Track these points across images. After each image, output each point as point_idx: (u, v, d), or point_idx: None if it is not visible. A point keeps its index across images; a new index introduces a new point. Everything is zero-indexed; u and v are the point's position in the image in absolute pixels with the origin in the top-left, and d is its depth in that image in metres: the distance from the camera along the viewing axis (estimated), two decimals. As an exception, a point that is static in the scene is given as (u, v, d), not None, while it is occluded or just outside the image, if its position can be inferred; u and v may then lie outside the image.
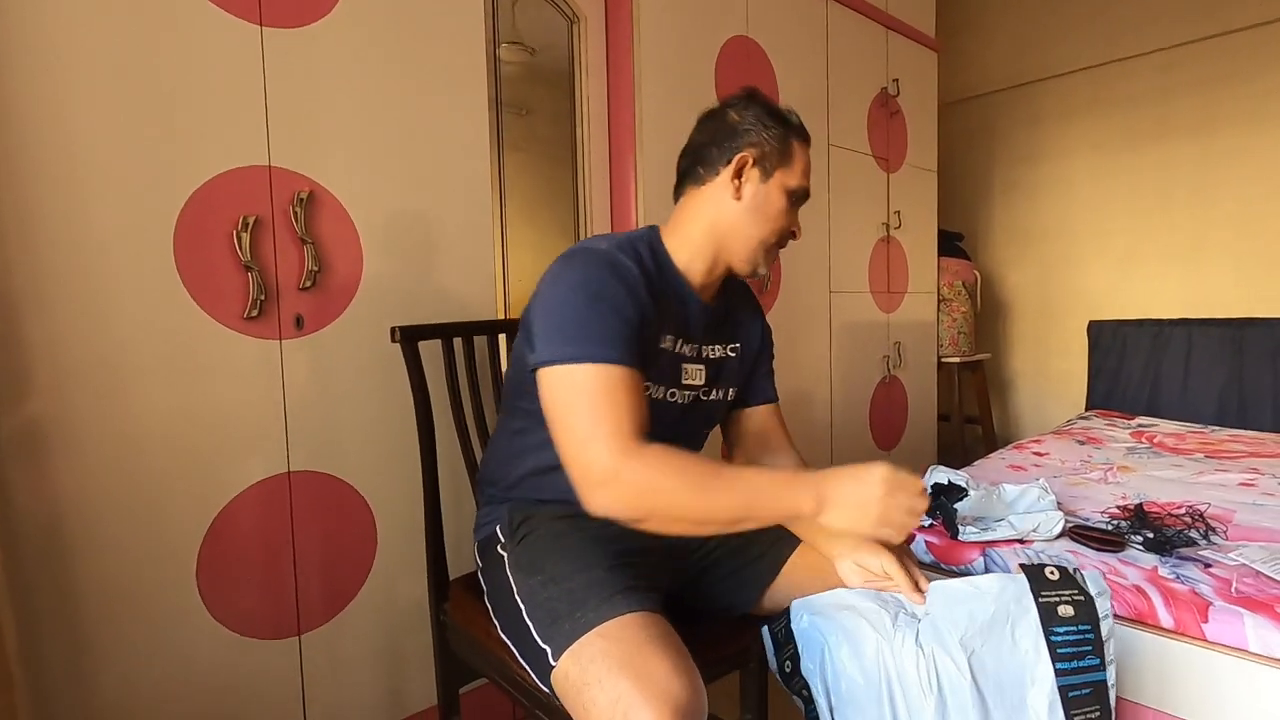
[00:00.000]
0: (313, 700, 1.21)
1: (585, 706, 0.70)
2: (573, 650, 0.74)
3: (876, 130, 2.44)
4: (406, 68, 1.29)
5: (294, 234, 1.16)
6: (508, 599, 0.87)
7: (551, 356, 0.79)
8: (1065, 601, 0.84)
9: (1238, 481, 1.65)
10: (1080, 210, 3.03)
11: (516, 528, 0.92)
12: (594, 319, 0.80)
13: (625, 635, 0.72)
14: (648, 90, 1.69)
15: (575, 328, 0.79)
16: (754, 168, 0.92)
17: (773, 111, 0.94)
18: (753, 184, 0.92)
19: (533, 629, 0.81)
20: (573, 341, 0.79)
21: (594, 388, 0.77)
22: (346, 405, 1.23)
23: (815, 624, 0.89)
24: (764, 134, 0.92)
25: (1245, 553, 1.15)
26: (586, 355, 0.78)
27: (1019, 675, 0.82)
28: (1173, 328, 2.64)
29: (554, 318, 0.82)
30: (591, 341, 0.79)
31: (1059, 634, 0.82)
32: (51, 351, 0.96)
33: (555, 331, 0.81)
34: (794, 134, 0.94)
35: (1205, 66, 2.66)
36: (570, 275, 0.84)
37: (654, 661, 0.69)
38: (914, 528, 0.83)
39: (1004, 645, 0.82)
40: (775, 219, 0.94)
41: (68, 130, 0.97)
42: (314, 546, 1.20)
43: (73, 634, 0.98)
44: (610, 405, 0.77)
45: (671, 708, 0.66)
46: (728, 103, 0.96)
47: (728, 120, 0.94)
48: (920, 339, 2.74)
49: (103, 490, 1.00)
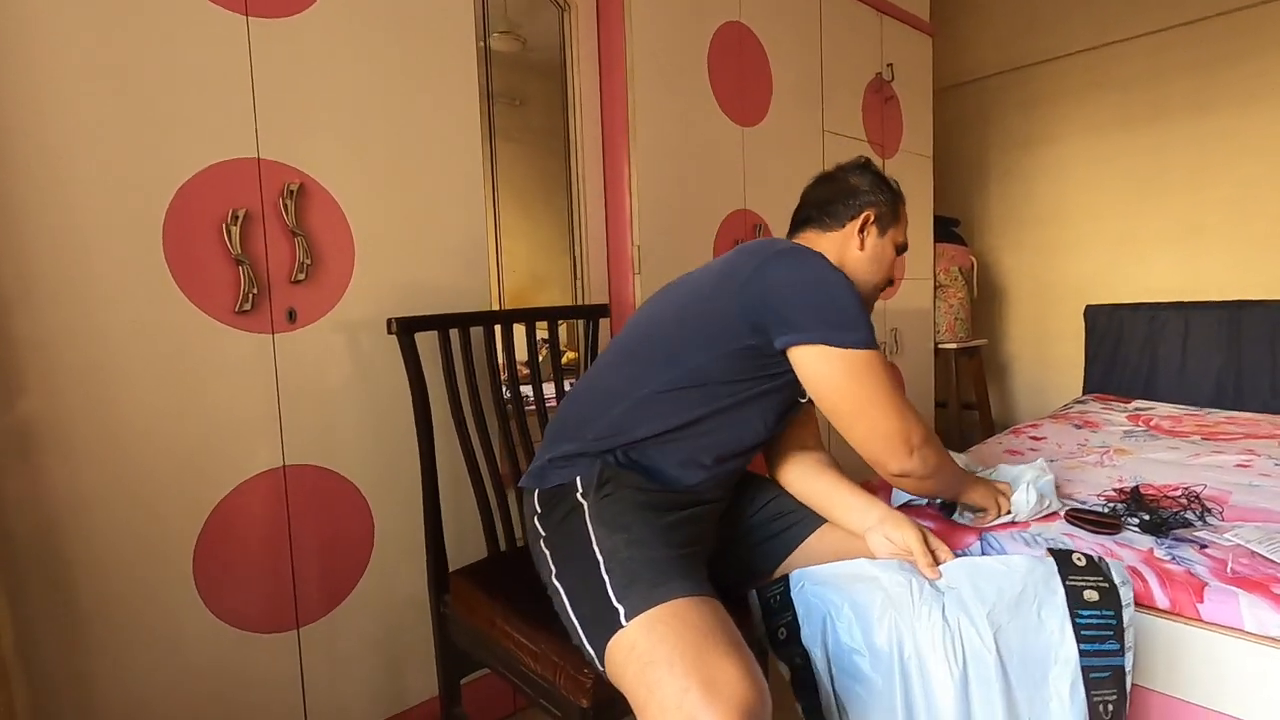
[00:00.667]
0: (312, 693, 1.21)
1: (649, 685, 0.70)
2: (646, 619, 0.74)
3: (871, 116, 2.43)
4: (396, 58, 1.28)
5: (284, 227, 1.15)
6: (582, 549, 0.86)
7: (857, 338, 0.89)
8: (1091, 587, 0.87)
9: (1234, 463, 1.65)
10: (1076, 194, 3.02)
11: (603, 483, 0.91)
12: (862, 310, 0.92)
13: (699, 623, 0.73)
14: (640, 77, 1.68)
15: (855, 315, 0.90)
16: (874, 224, 1.08)
17: (884, 179, 1.12)
18: (873, 238, 1.08)
19: (608, 583, 0.80)
20: (857, 328, 0.90)
21: (885, 371, 0.92)
22: (341, 399, 1.23)
23: (818, 593, 0.90)
24: (879, 197, 1.09)
25: (1241, 533, 1.16)
26: (874, 343, 0.91)
27: (1043, 654, 0.85)
28: (1169, 311, 2.64)
29: (824, 301, 0.91)
30: (868, 329, 0.91)
31: (1084, 617, 0.85)
32: (41, 349, 0.95)
33: (837, 315, 0.90)
34: (899, 199, 1.12)
35: (1199, 48, 2.65)
36: (819, 265, 0.94)
37: (726, 661, 0.70)
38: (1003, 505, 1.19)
39: (1030, 623, 0.85)
40: (886, 269, 1.11)
41: (52, 123, 0.95)
42: (311, 540, 1.20)
43: (69, 629, 0.98)
44: (897, 389, 0.92)
45: (739, 713, 0.66)
46: (845, 168, 1.13)
47: (850, 182, 1.10)
48: (917, 325, 2.74)
49: (97, 486, 1.00)
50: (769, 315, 0.91)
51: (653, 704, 0.69)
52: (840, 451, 1.11)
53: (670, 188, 1.77)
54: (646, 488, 0.93)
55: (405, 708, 1.33)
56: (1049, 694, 0.85)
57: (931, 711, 0.82)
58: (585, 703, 0.84)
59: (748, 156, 1.98)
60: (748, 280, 0.93)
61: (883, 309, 2.53)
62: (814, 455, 1.13)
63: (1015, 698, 0.83)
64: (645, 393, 0.96)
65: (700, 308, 0.96)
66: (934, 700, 0.82)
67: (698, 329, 0.95)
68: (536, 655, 0.91)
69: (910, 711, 0.83)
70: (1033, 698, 0.85)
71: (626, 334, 1.05)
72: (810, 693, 0.91)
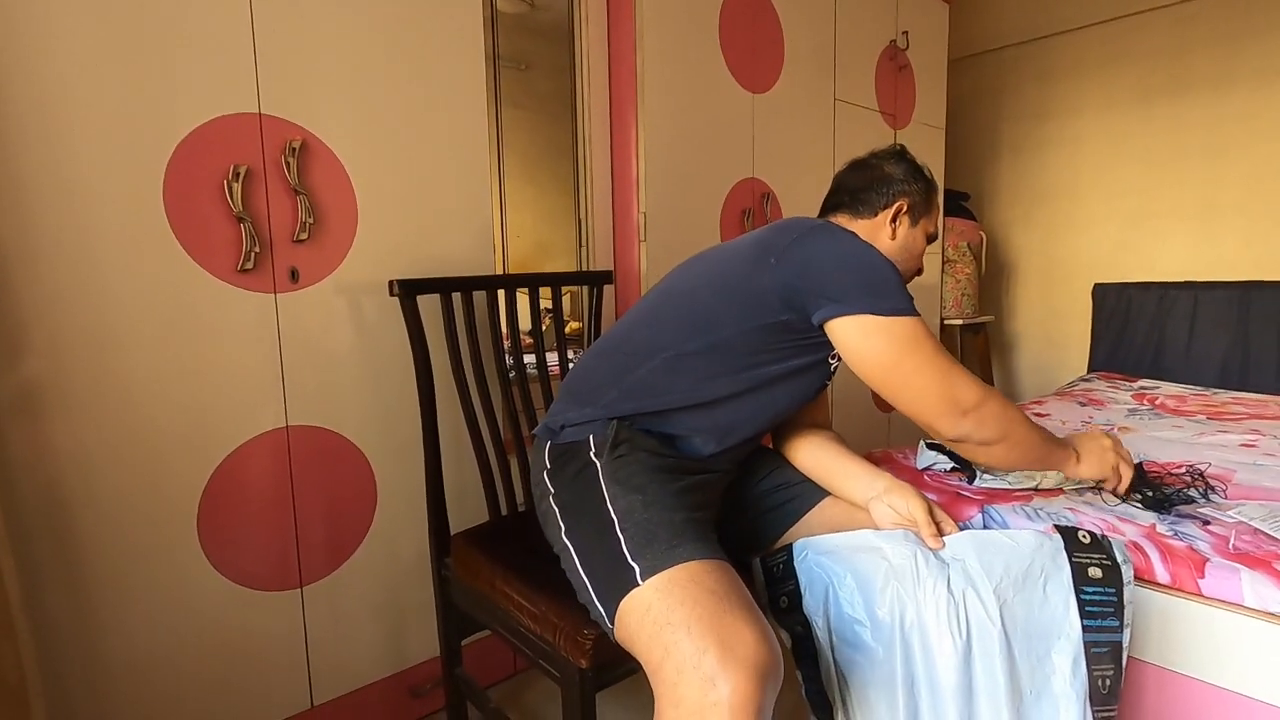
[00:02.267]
0: (315, 651, 1.22)
1: (665, 647, 0.70)
2: (663, 580, 0.74)
3: (884, 85, 2.38)
4: (402, 16, 1.25)
5: (287, 185, 1.13)
6: (596, 507, 0.85)
7: (899, 306, 0.89)
8: (1095, 564, 0.88)
9: (1239, 442, 1.64)
10: (1089, 170, 2.97)
11: (618, 444, 0.90)
12: (900, 280, 0.92)
13: (715, 586, 0.73)
14: (649, 41, 1.64)
15: (895, 285, 0.90)
16: (906, 215, 1.08)
17: (918, 168, 1.11)
18: (904, 227, 1.09)
19: (624, 542, 0.80)
20: (898, 296, 0.90)
21: (933, 337, 0.91)
22: (344, 360, 1.22)
23: (821, 563, 0.90)
24: (913, 186, 1.09)
25: (1244, 510, 1.15)
26: (914, 310, 0.90)
27: (1047, 628, 0.86)
28: (1178, 290, 2.62)
29: (863, 273, 0.90)
30: (910, 299, 0.91)
31: (1088, 594, 0.86)
32: (44, 309, 0.95)
33: (878, 285, 0.90)
34: (933, 188, 1.12)
35: (1224, 21, 2.57)
36: (855, 241, 0.94)
37: (743, 623, 0.70)
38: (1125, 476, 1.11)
39: (1035, 598, 0.86)
40: (916, 257, 1.12)
41: (50, 76, 0.93)
42: (314, 500, 1.21)
43: (74, 585, 0.99)
44: (948, 351, 0.92)
45: (758, 673, 0.66)
46: (879, 156, 1.12)
47: (884, 170, 1.09)
48: (924, 301, 2.71)
49: (101, 445, 1.00)
50: (806, 288, 0.90)
51: (669, 665, 0.69)
52: (844, 426, 1.10)
53: (678, 154, 1.74)
54: (660, 452, 0.92)
55: (406, 666, 1.35)
56: (1051, 668, 0.86)
57: (932, 682, 0.83)
58: (585, 664, 0.84)
59: (757, 124, 1.94)
60: (783, 253, 0.92)
61: (890, 283, 2.51)
62: (820, 431, 1.13)
63: (1018, 670, 0.84)
64: (669, 355, 0.95)
65: (732, 280, 0.96)
66: (935, 671, 0.83)
67: (729, 301, 0.94)
68: (536, 617, 0.92)
69: (911, 681, 0.83)
70: (1035, 671, 0.85)
71: (652, 299, 1.04)
72: (810, 661, 0.92)
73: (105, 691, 1.02)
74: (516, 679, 1.51)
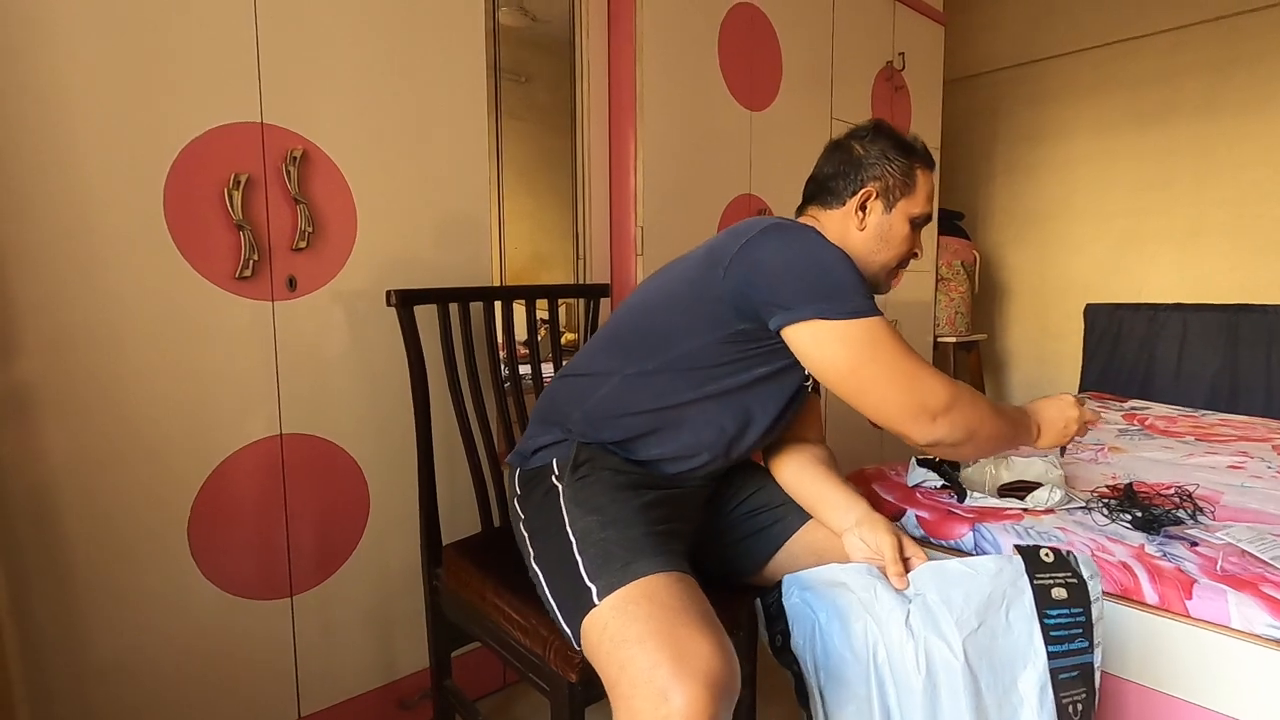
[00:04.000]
0: (304, 660, 1.22)
1: (620, 663, 0.70)
2: (618, 598, 0.74)
3: (880, 105, 2.41)
4: (404, 28, 1.26)
5: (287, 193, 1.14)
6: (557, 530, 0.86)
7: (857, 306, 0.84)
8: (1059, 584, 0.84)
9: (1227, 464, 1.66)
10: (1081, 192, 3.01)
11: (579, 464, 0.90)
12: (857, 279, 0.87)
13: (669, 600, 0.73)
14: (649, 57, 1.66)
15: (849, 284, 0.86)
16: (877, 200, 0.98)
17: (898, 142, 0.99)
18: (875, 215, 0.99)
19: (581, 564, 0.80)
20: (850, 296, 0.85)
21: (895, 336, 0.86)
22: (339, 369, 1.22)
23: (806, 599, 0.89)
24: (887, 167, 0.98)
25: (1232, 532, 1.16)
26: (872, 310, 0.86)
27: (1011, 657, 0.82)
28: (1168, 312, 2.65)
29: (811, 274, 0.86)
30: (867, 298, 0.87)
31: (1052, 617, 0.83)
32: (40, 310, 0.95)
33: (828, 286, 0.85)
34: (919, 163, 1.00)
35: (1212, 48, 2.62)
36: (806, 239, 0.89)
37: (697, 635, 0.69)
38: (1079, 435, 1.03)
39: (998, 626, 0.82)
40: (897, 245, 1.01)
41: (54, 84, 0.94)
42: (306, 509, 1.20)
43: (63, 589, 0.98)
44: (914, 350, 0.87)
45: (710, 684, 0.66)
46: (854, 134, 1.02)
47: (854, 154, 1.00)
48: (917, 318, 2.73)
49: (93, 450, 0.99)
50: (756, 296, 0.86)
51: (624, 681, 0.69)
52: (838, 441, 1.10)
53: (676, 169, 1.76)
54: (623, 469, 0.91)
55: (396, 678, 1.34)
56: (1019, 698, 0.83)
57: (904, 717, 0.81)
58: (574, 678, 0.84)
59: (755, 141, 1.96)
60: (731, 261, 0.88)
61: (883, 302, 2.52)
62: (809, 449, 1.08)
63: (985, 704, 0.81)
64: (630, 374, 0.93)
65: (685, 293, 0.92)
66: (905, 707, 0.81)
67: (683, 314, 0.91)
68: (526, 630, 0.92)
69: (886, 716, 0.81)
70: (1002, 703, 0.82)
71: (613, 321, 1.01)
72: (808, 700, 0.90)
73: (91, 698, 1.01)
74: (506, 692, 1.51)
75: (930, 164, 1.01)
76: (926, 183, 1.00)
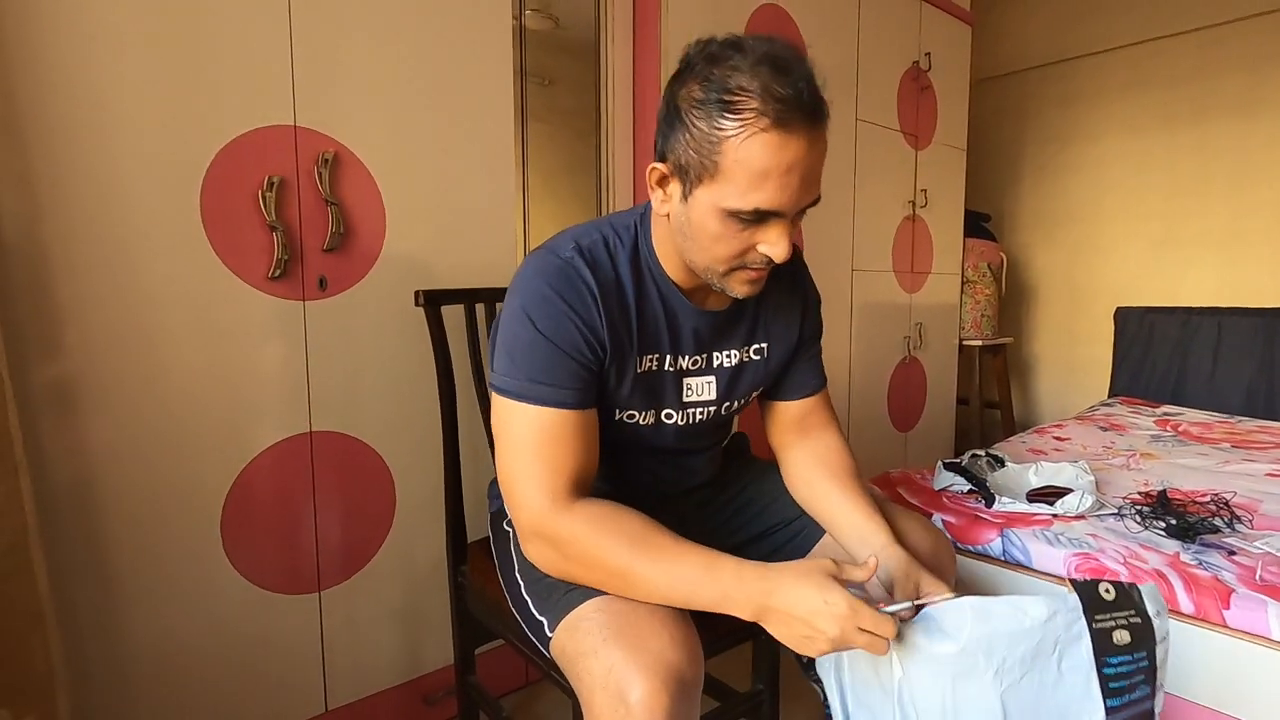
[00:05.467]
0: (332, 654, 1.23)
1: (579, 676, 0.70)
2: (568, 621, 0.74)
3: (906, 105, 2.39)
4: (432, 32, 1.28)
5: (319, 195, 1.16)
6: (511, 574, 0.89)
7: (499, 384, 0.76)
8: (1121, 626, 0.72)
9: (1265, 472, 1.62)
10: (1112, 194, 2.96)
11: None
12: (541, 353, 0.74)
13: (621, 607, 0.72)
14: (674, 61, 1.65)
15: (524, 359, 0.74)
16: (674, 180, 0.72)
17: (712, 91, 0.65)
18: (673, 201, 0.73)
19: (530, 603, 0.82)
20: (518, 375, 0.74)
21: (534, 433, 0.73)
22: (368, 368, 1.24)
23: None
24: (685, 135, 0.68)
25: (1271, 541, 1.14)
26: (531, 395, 0.73)
27: (1061, 713, 0.71)
28: (1202, 316, 2.59)
29: (504, 338, 0.77)
30: (537, 379, 0.73)
31: (1113, 664, 0.71)
32: (81, 309, 0.97)
33: (506, 356, 0.76)
34: (741, 129, 0.64)
35: (1249, 45, 2.56)
36: (522, 290, 0.76)
37: (649, 632, 0.68)
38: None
39: (1048, 677, 0.71)
40: (709, 244, 0.71)
41: (94, 89, 0.97)
42: (334, 506, 1.22)
43: (102, 579, 1.01)
44: (548, 456, 0.73)
45: (664, 677, 0.65)
46: (673, 76, 0.73)
47: (666, 105, 0.72)
48: (942, 321, 2.70)
49: (131, 445, 1.02)
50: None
51: (585, 691, 0.68)
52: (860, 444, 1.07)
53: (700, 171, 1.75)
54: None
55: (421, 673, 1.35)
56: None
57: None
58: (600, 676, 0.84)
59: (779, 142, 1.95)
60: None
61: (909, 303, 2.51)
62: (821, 462, 0.92)
63: None
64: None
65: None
66: None
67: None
68: (553, 627, 0.92)
69: None
70: None
71: None
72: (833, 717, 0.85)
73: (126, 685, 1.03)
74: (528, 689, 1.51)
75: (777, 125, 0.64)
76: (761, 157, 0.64)
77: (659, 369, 0.84)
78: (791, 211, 0.70)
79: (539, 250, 0.80)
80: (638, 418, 0.85)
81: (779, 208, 0.68)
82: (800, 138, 0.66)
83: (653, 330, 0.82)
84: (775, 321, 0.91)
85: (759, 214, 0.68)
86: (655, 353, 0.83)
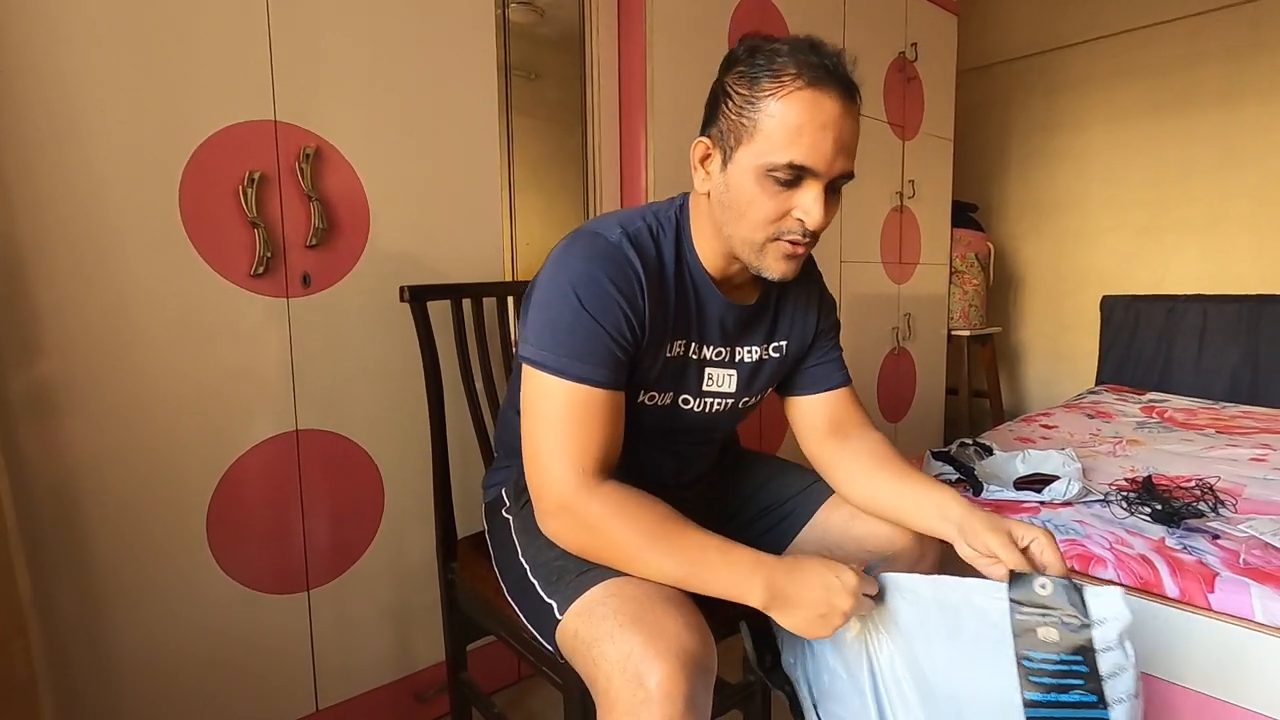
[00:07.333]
0: (322, 653, 1.23)
1: (595, 661, 0.69)
2: (579, 605, 0.74)
3: (893, 96, 2.39)
4: (415, 24, 1.26)
5: (300, 191, 1.14)
6: (513, 560, 0.88)
7: (537, 357, 0.76)
8: (1051, 624, 0.69)
9: (1249, 457, 1.64)
10: (1097, 182, 2.97)
11: (522, 491, 0.91)
12: (583, 331, 0.75)
13: (635, 592, 0.72)
14: (659, 51, 1.66)
15: (565, 335, 0.75)
16: (716, 151, 0.78)
17: (749, 71, 0.74)
18: (715, 178, 0.79)
19: (537, 586, 0.81)
20: (559, 350, 0.75)
21: (569, 409, 0.75)
22: (353, 365, 1.23)
23: None
24: (728, 103, 0.76)
25: (1255, 525, 1.15)
26: (569, 371, 0.75)
27: (984, 689, 0.71)
28: (1187, 303, 2.61)
29: (547, 313, 0.77)
30: (577, 356, 0.75)
31: (1034, 660, 0.69)
32: (58, 310, 0.96)
33: (545, 330, 0.76)
34: (779, 87, 0.71)
35: (1235, 34, 2.58)
36: (570, 268, 0.77)
37: (665, 617, 0.69)
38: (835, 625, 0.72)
39: (964, 654, 0.72)
40: (748, 210, 0.76)
41: (69, 83, 0.95)
42: (321, 504, 1.21)
43: (84, 583, 0.99)
44: (580, 433, 0.75)
45: (683, 661, 0.65)
46: (727, 58, 0.81)
47: (715, 87, 0.80)
48: (931, 311, 2.71)
49: (113, 447, 1.01)
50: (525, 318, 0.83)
51: (600, 676, 0.68)
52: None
53: (687, 164, 1.74)
54: None
55: (412, 671, 1.35)
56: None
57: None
58: (590, 670, 0.84)
59: (766, 134, 1.95)
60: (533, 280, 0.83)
61: (897, 294, 2.51)
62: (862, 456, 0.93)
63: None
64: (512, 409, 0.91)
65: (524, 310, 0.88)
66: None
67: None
68: (543, 623, 0.92)
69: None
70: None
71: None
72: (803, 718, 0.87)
73: (112, 690, 1.02)
74: (521, 685, 1.51)
75: (813, 83, 0.71)
76: (796, 112, 0.71)
77: (685, 354, 0.87)
78: (827, 174, 0.74)
79: (584, 232, 0.81)
80: (657, 399, 0.87)
81: (813, 165, 0.72)
82: (835, 99, 0.73)
83: (685, 317, 0.85)
84: (795, 321, 0.96)
85: (794, 170, 0.72)
86: (684, 339, 0.86)
